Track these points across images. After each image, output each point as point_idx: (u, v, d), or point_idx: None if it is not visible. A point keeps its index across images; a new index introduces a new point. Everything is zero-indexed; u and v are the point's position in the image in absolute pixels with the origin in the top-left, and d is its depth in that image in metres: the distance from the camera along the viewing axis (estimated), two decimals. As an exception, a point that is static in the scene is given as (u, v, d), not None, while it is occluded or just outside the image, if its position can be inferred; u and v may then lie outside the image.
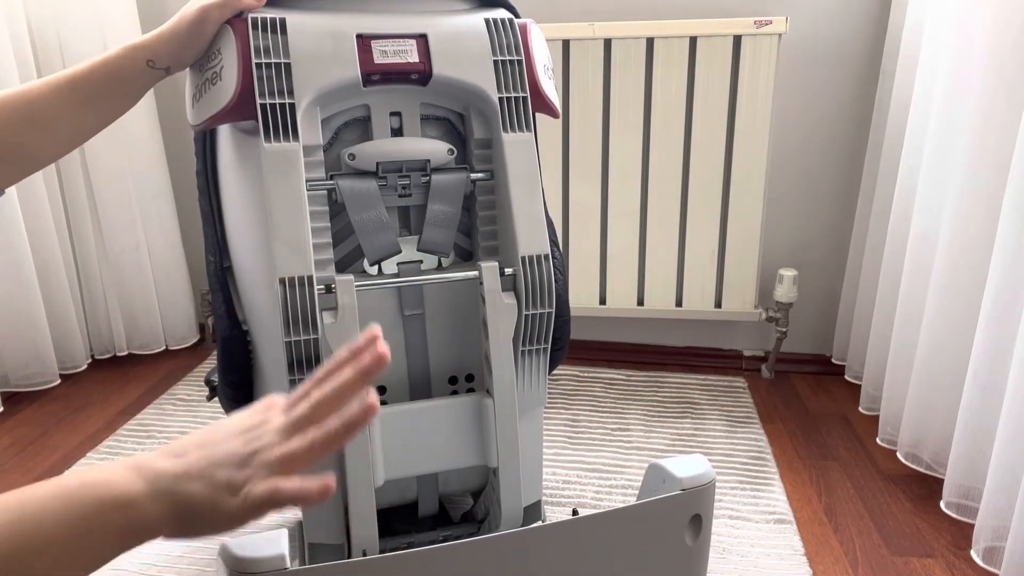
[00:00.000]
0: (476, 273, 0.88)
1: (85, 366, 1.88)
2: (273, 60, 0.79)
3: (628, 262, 1.77)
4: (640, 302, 1.80)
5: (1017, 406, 1.11)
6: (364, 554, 0.81)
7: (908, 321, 1.44)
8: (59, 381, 1.81)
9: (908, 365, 1.43)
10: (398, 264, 0.89)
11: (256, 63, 0.79)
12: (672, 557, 0.67)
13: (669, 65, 1.63)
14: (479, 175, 0.90)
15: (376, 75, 0.84)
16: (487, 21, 0.89)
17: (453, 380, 0.95)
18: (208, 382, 1.04)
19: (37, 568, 0.45)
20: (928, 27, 1.40)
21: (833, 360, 1.84)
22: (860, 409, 1.67)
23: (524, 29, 0.91)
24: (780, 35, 1.57)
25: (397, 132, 0.88)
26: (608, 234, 1.76)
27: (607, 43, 1.64)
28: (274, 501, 0.52)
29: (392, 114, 0.88)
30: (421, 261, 0.90)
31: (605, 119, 1.68)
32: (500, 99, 0.88)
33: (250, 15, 0.81)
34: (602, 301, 1.81)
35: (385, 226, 0.85)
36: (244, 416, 0.56)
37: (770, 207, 1.77)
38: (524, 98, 0.89)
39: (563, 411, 1.68)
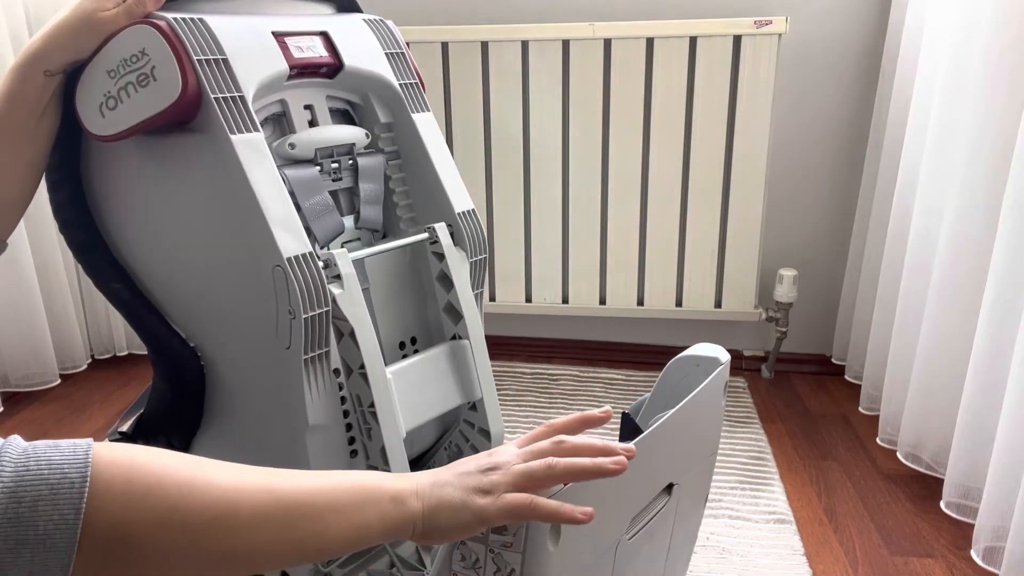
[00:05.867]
0: (427, 235, 0.95)
1: (85, 366, 1.88)
2: (212, 56, 0.80)
3: (628, 262, 1.77)
4: (640, 302, 1.80)
5: (1017, 406, 1.11)
6: None
7: (908, 321, 1.44)
8: (59, 381, 1.81)
9: (908, 365, 1.43)
10: (342, 244, 0.94)
11: (198, 59, 0.79)
12: (714, 418, 0.88)
13: (669, 65, 1.63)
14: (388, 155, 0.99)
15: (294, 70, 0.88)
16: (366, 21, 0.98)
17: (401, 346, 1.01)
18: (124, 435, 0.95)
19: (329, 523, 0.56)
20: (928, 27, 1.40)
21: (833, 360, 1.84)
22: (860, 409, 1.67)
23: (393, 29, 1.01)
24: (780, 35, 1.57)
25: (311, 124, 0.93)
26: (608, 234, 1.76)
27: (607, 43, 1.64)
28: (529, 512, 0.60)
29: (304, 107, 0.92)
30: (359, 239, 0.97)
31: (605, 119, 1.68)
32: (401, 86, 0.97)
33: (171, 16, 0.80)
34: (602, 301, 1.81)
35: (331, 209, 0.90)
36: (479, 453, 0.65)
37: (770, 207, 1.77)
38: (416, 84, 1.00)
39: (563, 411, 1.68)
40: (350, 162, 0.94)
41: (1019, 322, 1.12)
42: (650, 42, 1.62)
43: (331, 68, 0.91)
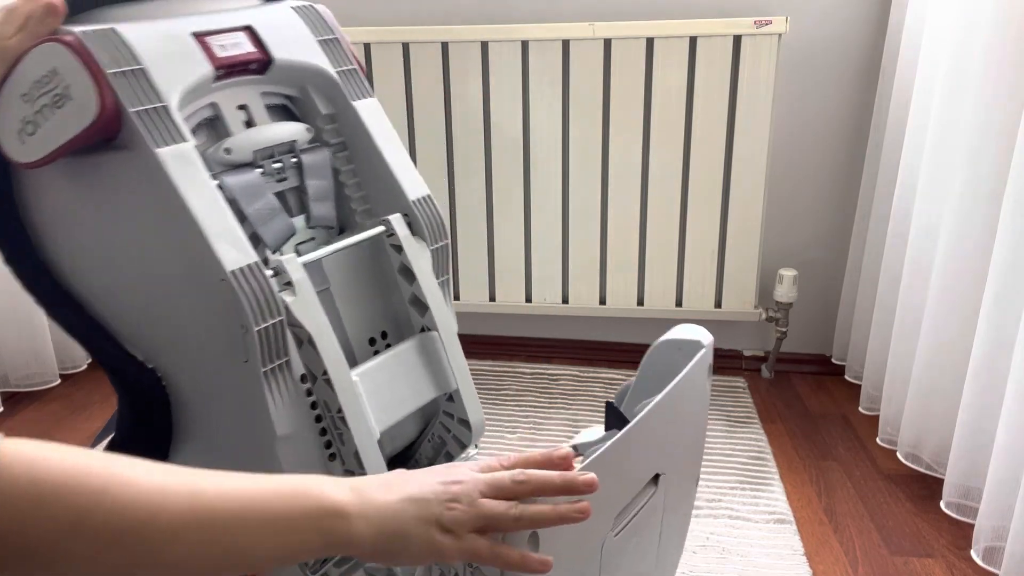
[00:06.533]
0: (383, 228, 0.92)
1: (85, 366, 1.88)
2: (128, 68, 0.76)
3: (628, 262, 1.77)
4: (640, 302, 1.80)
5: (1017, 406, 1.11)
6: None
7: (908, 321, 1.44)
8: (59, 381, 1.81)
9: (908, 365, 1.43)
10: (296, 246, 0.91)
11: (112, 73, 0.75)
12: (700, 401, 0.87)
13: (669, 65, 1.62)
14: (334, 147, 0.95)
15: (220, 70, 0.84)
16: (294, 9, 0.95)
17: (372, 342, 0.98)
18: None
19: (258, 538, 0.52)
20: (928, 27, 1.40)
21: (833, 360, 1.84)
22: (860, 409, 1.67)
23: (324, 13, 0.97)
24: (780, 35, 1.57)
25: (248, 125, 0.89)
26: (608, 234, 1.76)
27: (607, 43, 1.64)
28: (491, 560, 0.57)
29: (238, 108, 0.89)
30: (314, 239, 0.93)
31: (605, 119, 1.68)
32: (339, 73, 0.94)
33: (79, 30, 0.76)
34: (602, 301, 1.81)
35: (278, 211, 0.87)
36: (434, 467, 0.61)
37: (770, 207, 1.77)
38: (355, 69, 0.96)
39: (563, 411, 1.68)
40: (293, 160, 0.91)
41: (1019, 322, 1.12)
42: (650, 42, 1.62)
43: (260, 63, 0.88)
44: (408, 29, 1.67)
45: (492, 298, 1.85)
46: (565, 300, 1.82)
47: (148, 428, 0.88)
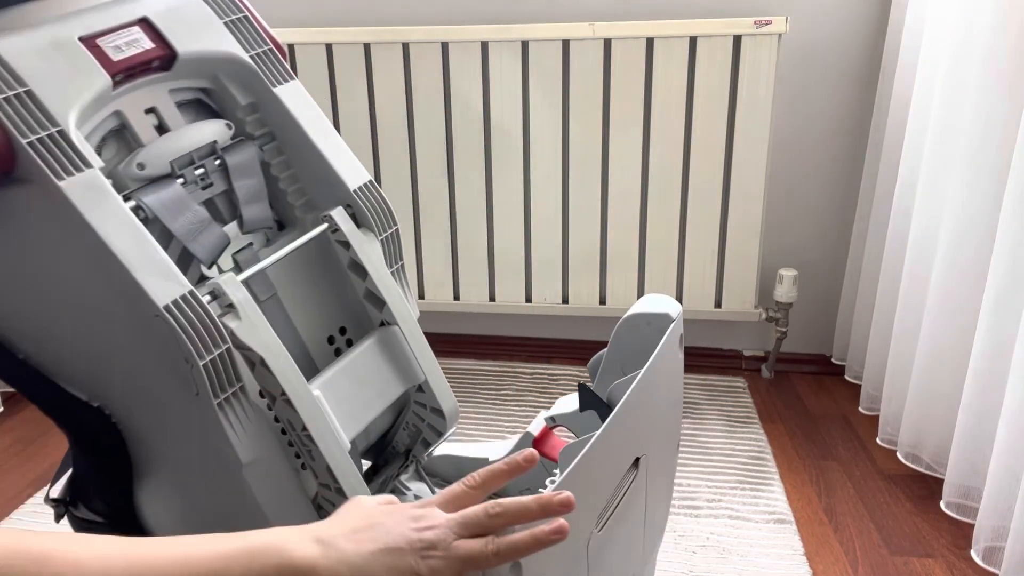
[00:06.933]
0: (326, 225, 0.85)
1: (85, 366, 1.88)
2: (11, 92, 0.67)
3: (628, 262, 1.77)
4: (640, 302, 1.80)
5: (1017, 406, 1.11)
6: None
7: (908, 321, 1.44)
8: (59, 381, 1.81)
9: (908, 365, 1.43)
10: (233, 256, 0.85)
11: None
12: (674, 370, 0.85)
13: (669, 65, 1.63)
14: (260, 140, 0.87)
15: (119, 75, 0.75)
16: None
17: (331, 340, 0.93)
18: (58, 501, 0.86)
19: None
20: (928, 27, 1.40)
21: (833, 360, 1.84)
22: (860, 409, 1.67)
23: None
24: (780, 35, 1.57)
25: (160, 129, 0.81)
26: (608, 234, 1.76)
27: (607, 43, 1.64)
28: None
29: (146, 112, 0.80)
30: (251, 244, 0.87)
31: (605, 119, 1.68)
32: (253, 57, 0.85)
33: None
34: (602, 301, 1.81)
35: (207, 223, 0.80)
36: (402, 504, 0.57)
37: (770, 207, 1.77)
38: (271, 50, 0.87)
39: (563, 411, 1.68)
40: (217, 162, 0.83)
41: (1019, 323, 1.12)
42: (650, 42, 1.62)
43: (163, 60, 0.78)
44: (408, 29, 1.67)
45: (492, 298, 1.85)
46: (565, 300, 1.82)
47: (103, 467, 0.82)
